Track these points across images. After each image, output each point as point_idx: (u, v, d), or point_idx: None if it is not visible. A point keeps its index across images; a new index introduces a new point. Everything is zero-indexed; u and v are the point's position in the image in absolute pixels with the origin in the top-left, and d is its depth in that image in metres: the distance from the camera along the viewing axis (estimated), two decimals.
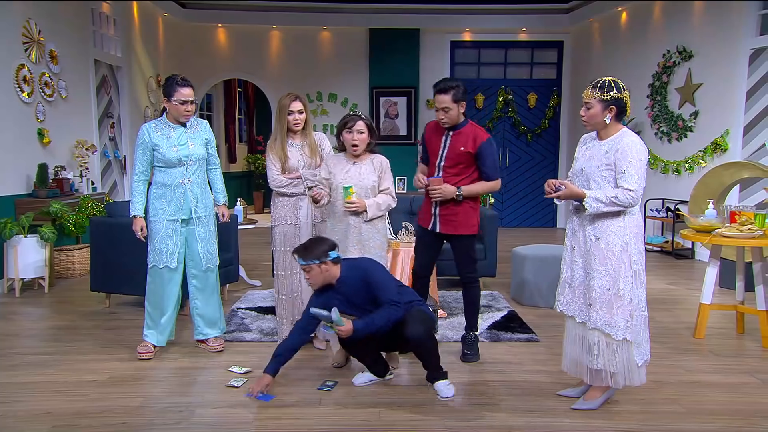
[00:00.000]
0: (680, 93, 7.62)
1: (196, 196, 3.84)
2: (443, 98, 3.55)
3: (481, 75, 10.49)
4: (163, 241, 3.78)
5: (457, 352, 3.93)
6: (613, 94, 2.95)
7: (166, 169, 3.77)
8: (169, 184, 3.77)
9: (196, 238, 3.88)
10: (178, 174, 3.78)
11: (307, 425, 2.98)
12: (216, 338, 4.03)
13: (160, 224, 3.77)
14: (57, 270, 6.07)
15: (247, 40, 10.35)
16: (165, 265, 3.79)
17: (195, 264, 3.91)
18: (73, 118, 6.94)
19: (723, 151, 6.94)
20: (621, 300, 2.97)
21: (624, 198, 2.89)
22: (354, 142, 3.56)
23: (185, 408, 3.14)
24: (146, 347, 3.86)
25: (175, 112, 3.74)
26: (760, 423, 3.03)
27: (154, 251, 3.80)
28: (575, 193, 2.97)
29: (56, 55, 6.57)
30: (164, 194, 3.77)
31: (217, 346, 3.99)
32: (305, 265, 3.23)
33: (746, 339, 4.36)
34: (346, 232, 3.60)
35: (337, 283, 3.29)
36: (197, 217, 3.85)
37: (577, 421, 3.02)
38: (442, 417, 3.07)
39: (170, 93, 3.70)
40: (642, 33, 8.45)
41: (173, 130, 3.79)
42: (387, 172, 3.66)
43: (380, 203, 3.57)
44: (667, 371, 3.70)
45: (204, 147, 3.88)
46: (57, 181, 6.26)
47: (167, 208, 3.77)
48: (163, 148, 3.74)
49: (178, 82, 3.70)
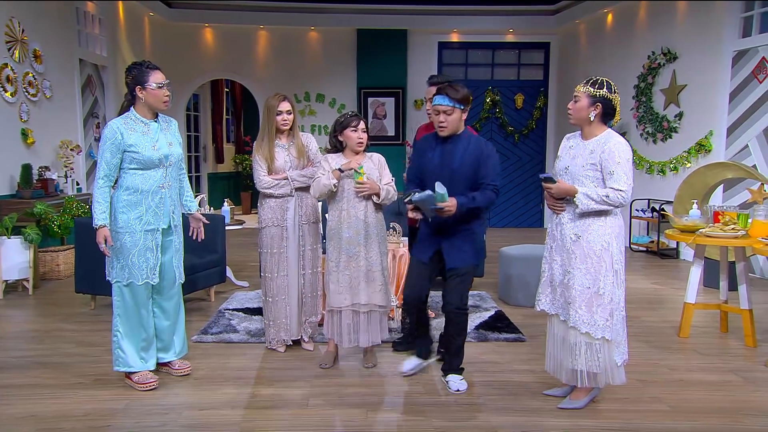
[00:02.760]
0: (665, 94, 7.70)
1: (174, 202, 3.45)
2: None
3: (469, 76, 10.52)
4: (142, 254, 3.31)
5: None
6: (603, 92, 2.98)
7: (143, 171, 3.29)
8: (146, 189, 3.30)
9: (171, 249, 3.45)
10: (157, 177, 3.33)
11: (294, 426, 2.97)
12: (181, 360, 3.64)
13: (136, 236, 3.29)
14: (41, 271, 6.00)
15: (234, 40, 10.30)
16: (145, 281, 3.34)
17: (166, 279, 3.46)
18: (58, 118, 6.88)
19: (707, 151, 7.02)
20: (601, 299, 2.99)
21: (615, 197, 2.92)
22: (360, 140, 3.62)
23: (171, 410, 3.13)
24: (145, 377, 3.40)
25: (153, 99, 3.27)
26: (743, 420, 3.06)
27: (129, 266, 3.30)
28: (566, 189, 2.99)
29: (40, 54, 6.50)
30: (139, 201, 3.29)
31: (183, 369, 3.59)
32: (449, 107, 3.18)
33: (730, 338, 4.41)
34: (357, 226, 3.57)
35: (454, 138, 3.28)
36: (174, 225, 3.45)
37: (563, 420, 3.04)
38: (429, 417, 3.07)
39: (144, 79, 3.24)
40: (627, 35, 8.53)
41: (147, 126, 3.31)
42: (386, 168, 3.71)
43: (388, 190, 3.60)
44: (652, 370, 3.73)
45: (180, 147, 3.49)
46: (41, 181, 6.19)
47: (144, 217, 3.30)
48: (140, 148, 3.26)
49: (149, 66, 3.28)
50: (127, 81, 3.30)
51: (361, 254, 3.56)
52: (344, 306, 3.58)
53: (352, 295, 3.58)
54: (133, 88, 3.28)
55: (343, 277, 3.58)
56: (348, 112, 3.73)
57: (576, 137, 3.15)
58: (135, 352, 3.40)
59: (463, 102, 3.22)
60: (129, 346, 3.38)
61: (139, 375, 3.40)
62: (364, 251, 3.57)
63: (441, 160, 3.29)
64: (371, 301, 3.58)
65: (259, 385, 3.46)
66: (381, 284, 3.59)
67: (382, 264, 3.62)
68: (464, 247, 3.34)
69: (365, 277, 3.56)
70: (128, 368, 3.39)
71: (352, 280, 3.57)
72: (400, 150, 10.14)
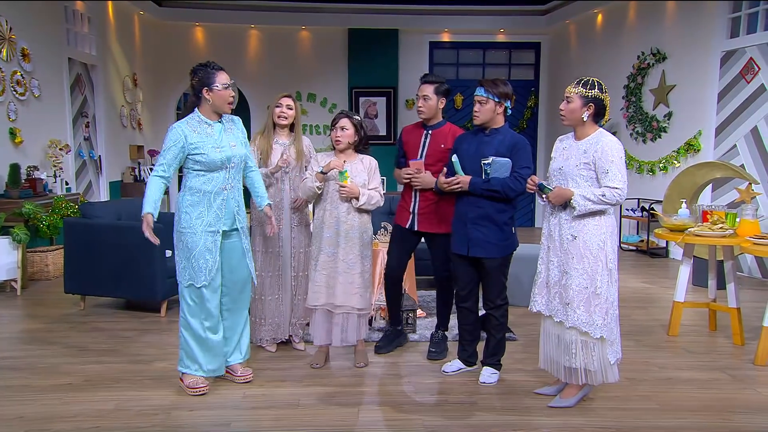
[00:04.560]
0: (654, 94, 7.75)
1: (238, 203, 3.36)
2: (426, 87, 3.71)
3: (460, 75, 10.54)
4: (202, 255, 3.23)
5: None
6: (594, 92, 3.01)
7: (206, 173, 3.23)
8: (209, 190, 3.24)
9: (241, 250, 3.39)
10: (220, 179, 3.26)
11: (285, 426, 2.96)
12: (242, 365, 3.52)
13: (198, 237, 3.23)
14: (30, 272, 5.95)
15: (224, 39, 10.26)
16: (204, 283, 3.25)
17: (234, 280, 3.40)
18: (47, 118, 6.82)
19: (696, 151, 7.07)
20: (598, 298, 3.00)
21: (611, 196, 2.94)
22: (337, 138, 3.61)
23: (161, 411, 3.11)
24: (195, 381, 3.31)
25: (220, 100, 3.23)
26: (731, 418, 3.09)
27: (190, 268, 3.23)
28: (564, 194, 3.01)
29: (28, 53, 6.45)
30: (200, 201, 3.23)
31: (246, 375, 3.49)
32: (483, 97, 3.35)
33: (718, 336, 4.44)
34: (337, 227, 3.58)
35: (493, 131, 3.42)
36: (241, 227, 3.37)
37: (554, 418, 3.05)
38: (421, 416, 3.07)
39: (210, 80, 3.20)
40: (617, 35, 8.57)
41: (211, 127, 3.26)
42: (375, 172, 3.69)
43: (371, 195, 3.59)
44: (642, 368, 3.75)
45: (244, 146, 3.40)
46: (30, 181, 6.14)
47: (206, 218, 3.24)
48: (205, 150, 3.20)
49: (214, 67, 3.24)
50: (192, 83, 3.26)
51: (339, 255, 3.56)
52: (318, 304, 3.59)
53: (327, 295, 3.58)
54: (200, 89, 3.23)
55: (320, 277, 3.59)
56: (342, 110, 3.75)
57: (569, 138, 3.17)
58: (197, 354, 3.30)
59: (499, 96, 3.37)
60: (191, 348, 3.30)
61: (190, 379, 3.32)
62: (342, 252, 3.56)
63: (476, 151, 3.39)
64: (347, 303, 3.57)
65: (250, 385, 3.44)
66: (359, 287, 3.58)
67: (363, 267, 3.60)
68: (489, 237, 3.36)
69: (342, 279, 3.56)
70: (187, 370, 3.32)
71: (328, 279, 3.58)
72: (392, 149, 10.06)
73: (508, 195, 3.30)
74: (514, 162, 3.32)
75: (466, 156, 3.41)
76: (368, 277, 3.66)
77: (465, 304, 3.55)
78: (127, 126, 9.04)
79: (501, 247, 3.37)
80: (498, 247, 3.36)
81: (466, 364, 3.64)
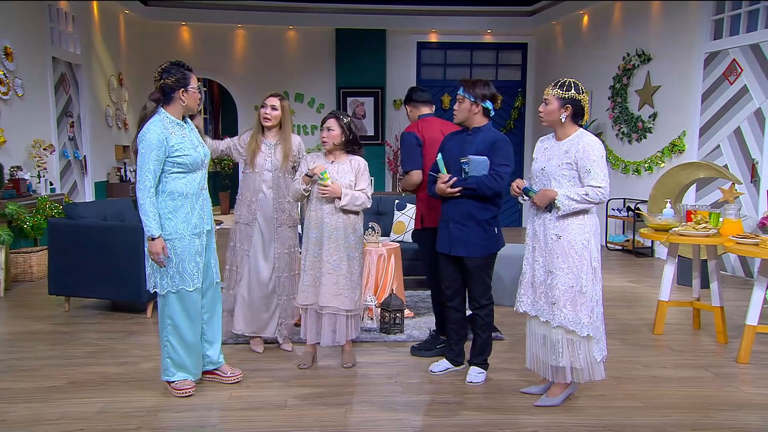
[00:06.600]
0: (639, 95, 7.81)
1: (209, 203, 3.36)
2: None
3: (447, 76, 10.57)
4: (192, 259, 3.20)
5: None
6: (571, 93, 3.04)
7: (187, 174, 3.18)
8: (190, 192, 3.19)
9: (211, 250, 3.38)
10: (199, 179, 3.25)
11: (272, 427, 2.96)
12: (231, 367, 3.52)
13: (185, 241, 3.18)
14: (13, 273, 5.89)
15: (211, 38, 10.21)
16: (197, 287, 3.24)
17: (210, 281, 3.37)
18: (30, 117, 6.75)
19: (680, 151, 7.14)
20: (584, 297, 3.03)
21: (594, 195, 2.97)
22: (323, 139, 3.63)
23: (147, 412, 3.09)
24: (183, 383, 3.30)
25: (193, 102, 3.22)
26: (714, 415, 3.13)
27: (180, 273, 3.18)
28: (548, 195, 3.03)
29: (11, 52, 6.37)
30: (183, 205, 3.18)
31: (236, 375, 3.48)
32: (461, 96, 3.40)
33: (702, 334, 4.49)
34: (321, 228, 3.59)
35: (475, 130, 3.44)
36: (211, 226, 3.38)
37: (540, 417, 3.07)
38: (407, 416, 3.08)
39: (186, 81, 3.17)
40: (603, 36, 8.64)
41: (182, 128, 3.21)
42: (364, 173, 3.68)
43: (356, 197, 3.57)
44: (627, 367, 3.79)
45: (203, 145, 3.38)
46: (13, 181, 6.08)
47: (191, 221, 3.20)
48: (187, 150, 3.15)
49: (188, 68, 3.23)
50: (167, 82, 3.16)
51: (323, 256, 3.57)
52: (306, 304, 3.63)
53: (314, 295, 3.60)
54: (175, 90, 3.17)
55: (307, 277, 3.62)
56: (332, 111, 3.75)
57: (550, 139, 3.20)
58: (185, 360, 3.28)
59: (475, 96, 3.41)
60: (180, 355, 3.26)
61: (177, 381, 3.29)
62: (326, 253, 3.57)
63: (459, 150, 3.40)
64: (332, 304, 3.57)
65: (237, 386, 3.43)
66: (345, 288, 3.58)
67: (350, 268, 3.60)
68: (471, 236, 3.35)
69: (326, 279, 3.56)
70: (175, 378, 3.28)
71: (314, 280, 3.60)
72: (379, 150, 10.16)
73: (485, 193, 3.29)
74: (492, 159, 3.30)
75: (450, 155, 3.43)
76: (356, 278, 3.66)
77: (451, 303, 3.57)
78: (113, 126, 8.96)
79: (483, 246, 3.37)
80: (480, 246, 3.36)
81: (453, 364, 3.65)
